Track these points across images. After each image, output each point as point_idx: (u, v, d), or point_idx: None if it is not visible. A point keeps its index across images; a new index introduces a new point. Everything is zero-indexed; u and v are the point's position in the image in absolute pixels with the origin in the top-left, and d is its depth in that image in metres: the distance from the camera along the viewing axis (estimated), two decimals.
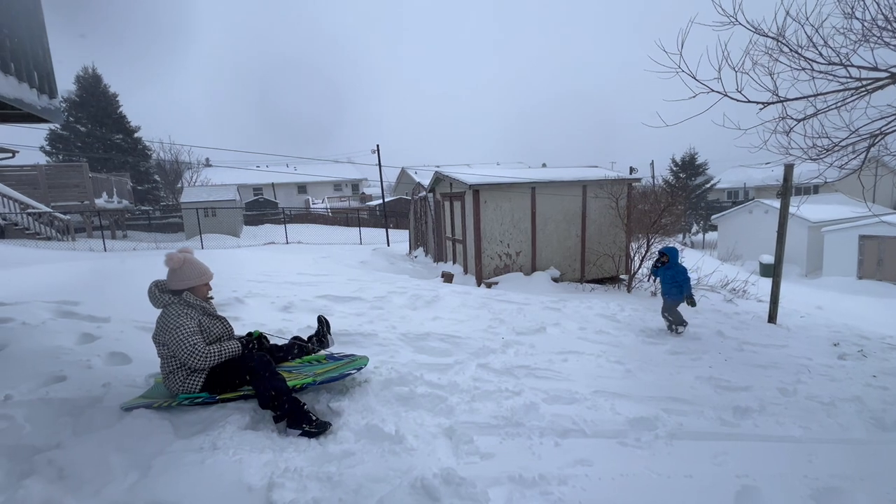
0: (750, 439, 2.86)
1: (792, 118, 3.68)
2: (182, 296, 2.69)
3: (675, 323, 5.40)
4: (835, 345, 5.43)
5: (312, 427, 2.51)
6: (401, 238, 18.36)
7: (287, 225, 20.74)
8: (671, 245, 5.79)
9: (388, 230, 18.66)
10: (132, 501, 1.85)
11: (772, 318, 6.63)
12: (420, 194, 13.87)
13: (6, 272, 6.34)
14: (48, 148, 23.48)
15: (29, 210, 14.58)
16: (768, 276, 10.61)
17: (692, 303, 5.42)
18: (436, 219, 12.01)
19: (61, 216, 15.28)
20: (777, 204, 7.30)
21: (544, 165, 26.19)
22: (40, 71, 3.51)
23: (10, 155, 15.60)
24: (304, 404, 2.61)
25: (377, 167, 19.97)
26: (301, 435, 2.47)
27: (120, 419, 2.41)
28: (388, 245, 16.38)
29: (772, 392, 3.64)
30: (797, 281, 16.14)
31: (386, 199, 22.28)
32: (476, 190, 8.70)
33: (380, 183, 20.89)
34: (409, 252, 14.46)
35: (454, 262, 10.64)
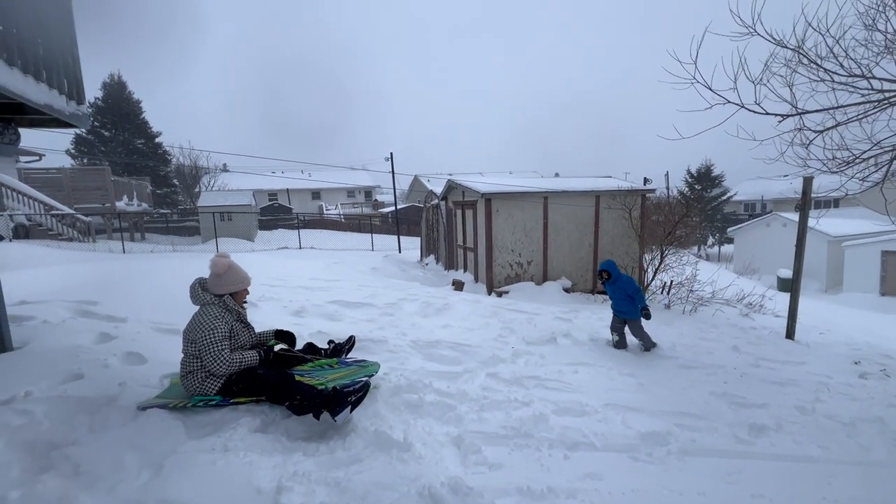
0: (766, 458, 2.79)
1: (811, 130, 3.62)
2: (223, 298, 2.78)
3: (646, 345, 4.99)
4: (856, 363, 5.27)
5: (355, 396, 2.56)
6: (412, 245, 18.43)
7: (300, 230, 20.99)
8: (608, 259, 5.28)
9: (400, 237, 18.75)
10: (144, 500, 1.87)
11: (789, 334, 6.47)
12: (432, 202, 13.93)
13: (30, 272, 6.53)
14: (73, 151, 24.23)
15: (53, 211, 15.03)
16: (786, 290, 10.37)
17: (647, 315, 4.95)
18: (447, 226, 12.05)
19: (83, 218, 15.70)
20: (795, 217, 7.16)
21: (557, 175, 26.13)
22: (70, 78, 3.65)
23: (37, 158, 16.06)
24: (332, 389, 2.66)
25: (390, 174, 20.15)
26: (352, 410, 2.54)
27: (134, 418, 2.45)
28: (400, 252, 16.45)
29: (789, 410, 3.55)
30: (816, 296, 15.73)
31: (398, 207, 22.44)
32: (488, 198, 8.72)
33: (393, 190, 21.06)
34: (421, 259, 14.50)
35: (465, 271, 10.63)
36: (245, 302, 2.97)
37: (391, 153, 20.17)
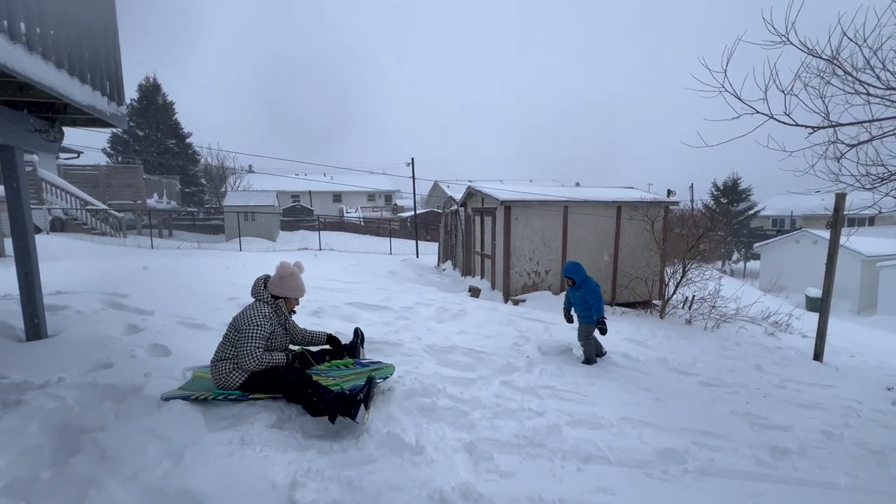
0: (788, 483, 2.69)
1: (843, 143, 3.51)
2: (277, 301, 2.96)
3: (588, 355, 4.64)
4: (889, 389, 5.04)
5: (363, 394, 2.61)
6: (430, 250, 18.51)
7: (321, 232, 21.33)
8: (574, 261, 4.98)
9: (418, 242, 18.86)
10: (165, 487, 1.94)
11: (817, 355, 6.24)
12: (451, 208, 13.99)
13: (65, 263, 6.83)
14: (109, 150, 25.27)
15: (88, 206, 15.69)
16: (815, 310, 9.99)
17: (603, 329, 4.59)
18: (466, 233, 12.07)
19: (116, 214, 16.34)
20: (826, 234, 6.93)
21: (578, 184, 25.88)
22: (111, 80, 3.84)
23: (75, 155, 16.79)
24: (345, 392, 2.73)
25: (411, 179, 20.33)
26: (367, 407, 2.60)
27: (158, 408, 2.54)
28: (417, 256, 16.53)
29: (815, 434, 3.42)
30: (847, 318, 15.09)
31: (417, 212, 22.60)
32: (508, 206, 8.71)
33: (412, 195, 21.22)
34: (438, 264, 14.54)
35: (482, 277, 10.62)
36: (294, 311, 3.14)
37: (412, 159, 20.37)
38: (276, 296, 2.95)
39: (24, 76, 2.62)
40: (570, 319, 5.08)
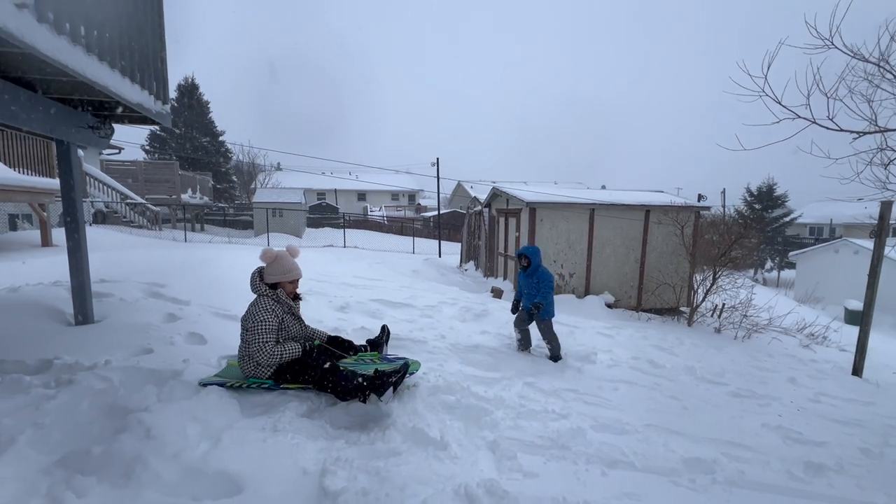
0: (823, 499, 2.61)
1: (892, 150, 3.36)
2: (276, 291, 2.93)
3: (552, 351, 4.57)
4: None
5: (396, 377, 2.70)
6: (452, 250, 18.57)
7: (345, 230, 21.68)
8: (534, 245, 4.67)
9: (441, 242, 18.93)
10: (204, 468, 2.04)
11: (857, 370, 5.97)
12: (475, 208, 14.00)
13: (109, 253, 7.19)
14: (147, 147, 26.39)
15: (127, 200, 16.42)
16: (855, 323, 9.54)
17: (537, 308, 4.43)
18: (489, 234, 12.05)
19: (152, 207, 17.04)
20: (869, 244, 6.61)
21: (603, 187, 25.42)
22: (158, 80, 4.03)
23: (117, 151, 17.58)
24: (374, 371, 2.79)
25: (434, 179, 20.43)
26: (395, 390, 2.68)
27: (196, 393, 2.66)
28: (440, 256, 16.61)
29: (852, 451, 3.29)
30: (890, 333, 14.30)
31: (441, 212, 22.69)
32: (533, 207, 8.67)
33: (436, 195, 21.32)
34: (460, 265, 14.56)
35: (504, 279, 10.59)
36: (299, 298, 3.13)
37: (437, 158, 20.47)
38: (272, 284, 2.93)
39: (83, 76, 2.79)
40: (517, 311, 4.83)
